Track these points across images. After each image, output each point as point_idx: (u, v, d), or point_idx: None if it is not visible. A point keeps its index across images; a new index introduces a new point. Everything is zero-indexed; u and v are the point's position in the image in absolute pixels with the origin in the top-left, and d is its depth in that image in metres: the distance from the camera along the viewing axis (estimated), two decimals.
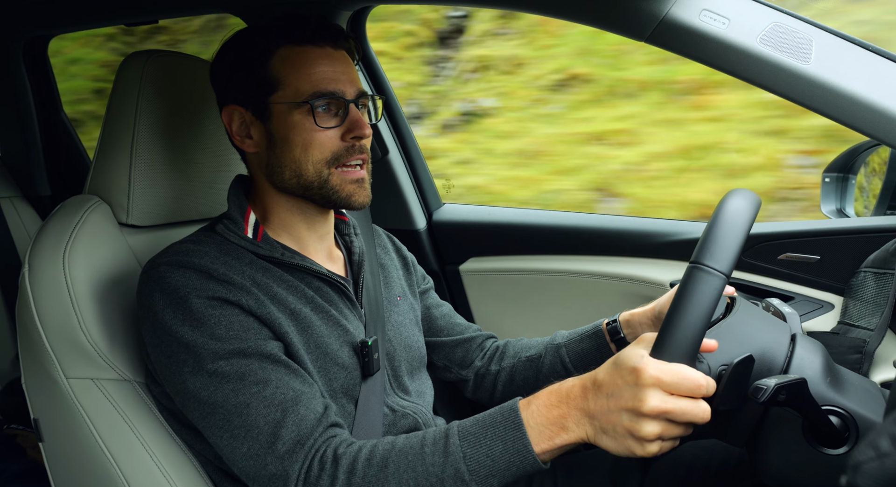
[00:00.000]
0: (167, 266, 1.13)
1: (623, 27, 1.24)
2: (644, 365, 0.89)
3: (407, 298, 1.48)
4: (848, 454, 0.93)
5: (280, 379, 1.08)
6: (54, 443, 1.30)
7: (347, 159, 1.21)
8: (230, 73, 1.24)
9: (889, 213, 1.61)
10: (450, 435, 1.01)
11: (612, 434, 0.91)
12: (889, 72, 1.15)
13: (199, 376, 1.07)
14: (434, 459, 1.00)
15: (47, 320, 1.21)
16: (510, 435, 0.98)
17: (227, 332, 1.09)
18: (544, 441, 0.97)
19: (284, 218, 1.27)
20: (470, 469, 0.98)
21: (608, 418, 0.92)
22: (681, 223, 1.78)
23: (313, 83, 1.18)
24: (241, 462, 1.06)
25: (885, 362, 1.34)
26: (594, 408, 0.93)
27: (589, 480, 1.42)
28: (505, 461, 0.98)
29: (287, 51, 1.20)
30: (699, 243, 0.93)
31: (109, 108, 1.34)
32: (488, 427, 1.00)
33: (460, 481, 0.98)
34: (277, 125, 1.20)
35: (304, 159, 1.19)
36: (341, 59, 1.23)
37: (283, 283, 1.20)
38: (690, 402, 0.89)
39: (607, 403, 0.92)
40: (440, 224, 2.12)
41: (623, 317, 1.39)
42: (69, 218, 1.27)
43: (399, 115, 2.09)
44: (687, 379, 0.88)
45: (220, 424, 1.06)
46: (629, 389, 0.90)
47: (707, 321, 0.91)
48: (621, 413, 0.90)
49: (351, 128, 1.20)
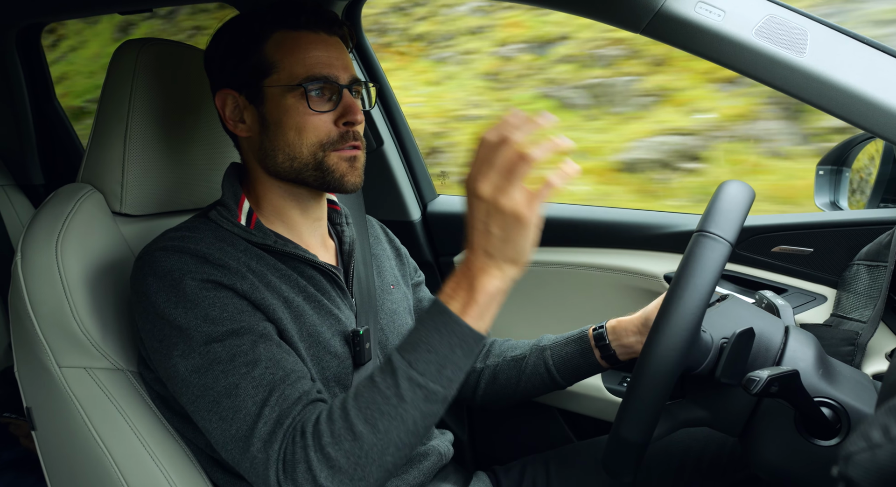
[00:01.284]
0: (162, 251, 1.13)
1: (618, 19, 1.24)
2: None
3: (400, 287, 1.48)
4: (840, 445, 0.93)
5: (270, 358, 1.08)
6: (47, 432, 1.30)
7: (341, 145, 1.21)
8: (224, 57, 1.24)
9: (882, 206, 1.62)
10: (391, 357, 1.02)
11: (499, 237, 0.95)
12: (884, 64, 1.15)
13: (190, 358, 1.07)
14: (386, 382, 1.00)
15: (40, 309, 1.20)
16: (439, 321, 1.00)
17: (221, 314, 1.09)
18: (468, 307, 0.99)
19: (277, 204, 1.27)
20: (421, 372, 0.99)
21: (487, 236, 0.96)
22: (676, 215, 1.78)
23: (307, 67, 1.18)
24: (229, 445, 1.05)
25: (877, 354, 1.34)
26: (482, 244, 0.97)
27: (581, 470, 1.43)
28: (446, 345, 0.99)
29: (282, 35, 1.20)
30: (703, 216, 0.95)
31: (103, 97, 1.33)
32: (419, 329, 1.02)
33: (418, 387, 0.99)
34: (271, 109, 1.20)
35: (297, 142, 1.19)
36: (335, 44, 1.24)
37: (276, 272, 1.19)
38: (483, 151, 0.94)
39: (482, 233, 0.96)
40: (435, 215, 2.12)
41: (610, 324, 1.40)
42: (62, 206, 1.26)
43: (394, 106, 2.08)
44: (482, 150, 0.94)
45: (210, 407, 1.06)
46: (479, 205, 0.95)
47: (713, 285, 0.92)
48: (485, 220, 0.95)
49: (344, 114, 1.20)
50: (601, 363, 1.39)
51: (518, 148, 0.91)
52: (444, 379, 1.00)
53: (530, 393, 1.48)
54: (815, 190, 1.76)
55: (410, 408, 0.99)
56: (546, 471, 1.45)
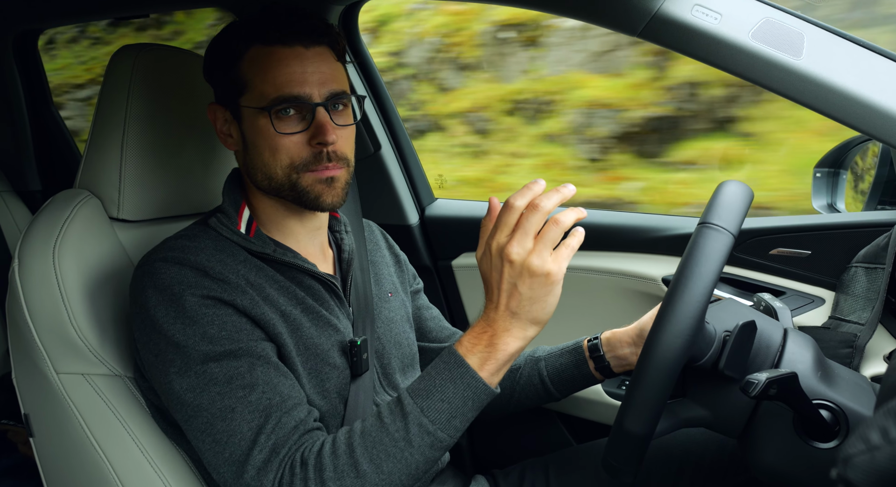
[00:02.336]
0: (162, 262, 1.12)
1: (615, 22, 1.24)
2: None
3: (398, 294, 1.47)
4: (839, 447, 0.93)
5: (268, 382, 1.07)
6: (45, 439, 1.30)
7: (315, 166, 1.17)
8: (210, 71, 1.24)
9: (880, 208, 1.62)
10: (402, 399, 1.04)
11: (527, 296, 0.99)
12: (880, 67, 1.15)
13: (186, 377, 1.07)
14: (396, 425, 1.02)
15: (37, 315, 1.20)
16: (456, 373, 1.02)
17: (220, 332, 1.08)
18: (486, 362, 1.02)
19: (272, 214, 1.26)
20: (431, 420, 1.01)
21: (513, 296, 0.99)
22: (674, 218, 1.78)
23: (277, 87, 1.14)
24: (222, 468, 1.05)
25: (875, 356, 1.34)
26: (508, 304, 1.00)
27: (580, 474, 1.43)
28: (459, 398, 1.02)
29: (255, 52, 1.16)
30: (705, 210, 0.95)
31: (100, 102, 1.33)
32: (434, 377, 1.04)
33: (426, 434, 1.01)
34: (247, 128, 1.19)
35: (272, 164, 1.17)
36: (313, 58, 1.18)
37: (274, 284, 1.19)
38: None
39: (508, 293, 1.00)
40: (433, 219, 2.12)
41: (605, 336, 1.39)
42: (59, 212, 1.26)
43: (391, 110, 2.08)
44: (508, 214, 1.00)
45: (203, 428, 1.06)
46: (506, 267, 0.99)
47: (717, 274, 0.92)
48: (512, 281, 0.99)
49: (315, 134, 1.16)
50: (595, 375, 1.39)
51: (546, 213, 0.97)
52: (451, 428, 1.02)
53: (524, 403, 1.49)
54: (812, 192, 1.76)
55: (416, 453, 1.01)
56: (545, 475, 1.45)
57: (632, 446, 0.95)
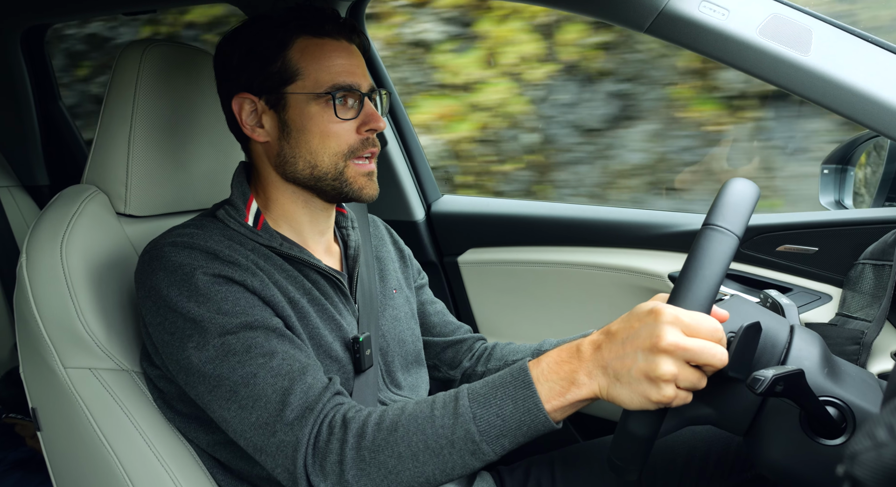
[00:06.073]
0: (171, 246, 1.13)
1: (622, 18, 1.24)
2: (662, 306, 0.89)
3: (403, 291, 1.48)
4: (845, 444, 0.93)
5: (286, 351, 1.08)
6: (52, 432, 1.31)
7: (362, 151, 1.23)
8: (243, 62, 1.23)
9: (888, 205, 1.61)
10: (459, 397, 1.01)
11: (626, 379, 0.90)
12: (888, 63, 1.15)
13: (205, 350, 1.07)
14: (444, 421, 0.99)
15: (45, 310, 1.21)
16: (520, 394, 0.97)
17: (234, 307, 1.09)
18: (555, 397, 0.96)
19: (287, 209, 1.27)
20: (480, 430, 0.98)
21: (623, 362, 0.91)
22: (680, 215, 1.78)
23: (332, 75, 1.20)
24: (249, 433, 1.05)
25: (882, 353, 1.34)
26: (608, 356, 0.93)
27: (586, 470, 1.43)
28: (515, 420, 0.97)
29: (305, 42, 1.21)
30: (709, 210, 0.95)
31: (107, 97, 1.33)
32: (498, 388, 1.00)
33: (471, 442, 0.98)
34: (294, 115, 1.21)
35: (320, 150, 1.20)
36: (355, 52, 1.26)
37: (283, 272, 1.20)
38: (709, 342, 0.88)
39: (622, 348, 0.91)
40: (439, 215, 2.12)
41: None
42: (67, 207, 1.27)
43: (398, 107, 2.09)
44: (705, 320, 0.88)
45: (227, 395, 1.06)
46: (646, 328, 0.89)
47: (721, 276, 0.92)
48: (637, 354, 0.89)
49: (366, 121, 1.22)
50: None
51: (721, 354, 0.89)
52: (497, 445, 0.99)
53: None
54: (820, 188, 1.76)
55: (455, 455, 0.99)
56: (551, 471, 1.45)
57: (636, 447, 0.95)
